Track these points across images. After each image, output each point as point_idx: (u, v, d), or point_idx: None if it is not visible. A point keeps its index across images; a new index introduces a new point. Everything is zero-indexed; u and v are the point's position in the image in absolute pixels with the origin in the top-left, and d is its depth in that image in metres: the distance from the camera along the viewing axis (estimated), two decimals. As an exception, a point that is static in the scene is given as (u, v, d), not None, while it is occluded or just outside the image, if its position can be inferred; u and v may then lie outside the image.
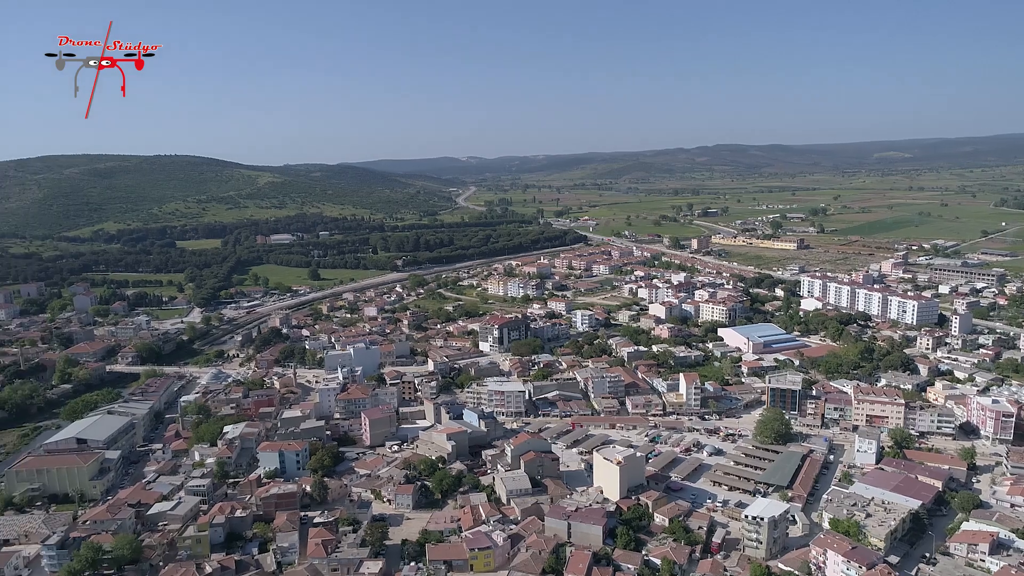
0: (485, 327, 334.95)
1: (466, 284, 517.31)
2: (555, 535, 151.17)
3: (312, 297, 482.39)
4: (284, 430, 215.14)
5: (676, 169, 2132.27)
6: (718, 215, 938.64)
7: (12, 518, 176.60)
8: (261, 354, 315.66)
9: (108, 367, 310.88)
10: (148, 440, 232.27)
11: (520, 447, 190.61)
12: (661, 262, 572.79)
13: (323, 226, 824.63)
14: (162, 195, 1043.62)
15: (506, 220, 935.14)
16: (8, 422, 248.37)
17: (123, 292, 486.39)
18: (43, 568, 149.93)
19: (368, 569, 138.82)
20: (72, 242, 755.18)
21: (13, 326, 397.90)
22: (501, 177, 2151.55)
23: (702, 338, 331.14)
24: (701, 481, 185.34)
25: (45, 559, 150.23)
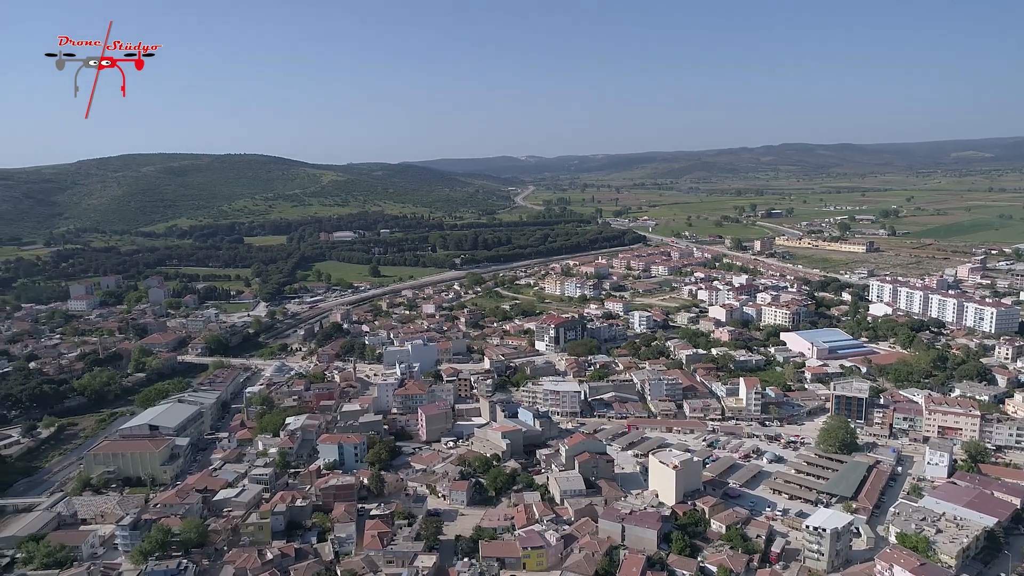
0: (541, 326, 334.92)
1: (523, 283, 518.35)
2: (608, 537, 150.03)
3: (372, 294, 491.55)
4: (343, 423, 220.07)
5: (739, 169, 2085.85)
6: (782, 216, 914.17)
7: (90, 498, 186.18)
8: (323, 348, 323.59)
9: (179, 357, 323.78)
10: (215, 429, 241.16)
11: (575, 447, 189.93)
12: (722, 263, 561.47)
13: (384, 224, 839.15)
14: (232, 193, 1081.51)
15: (564, 220, 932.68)
16: (87, 407, 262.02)
17: (194, 286, 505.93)
18: (117, 547, 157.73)
19: (422, 563, 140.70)
20: (148, 237, 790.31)
21: (93, 316, 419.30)
22: (560, 176, 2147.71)
23: (764, 342, 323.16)
24: (760, 488, 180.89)
25: (119, 539, 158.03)
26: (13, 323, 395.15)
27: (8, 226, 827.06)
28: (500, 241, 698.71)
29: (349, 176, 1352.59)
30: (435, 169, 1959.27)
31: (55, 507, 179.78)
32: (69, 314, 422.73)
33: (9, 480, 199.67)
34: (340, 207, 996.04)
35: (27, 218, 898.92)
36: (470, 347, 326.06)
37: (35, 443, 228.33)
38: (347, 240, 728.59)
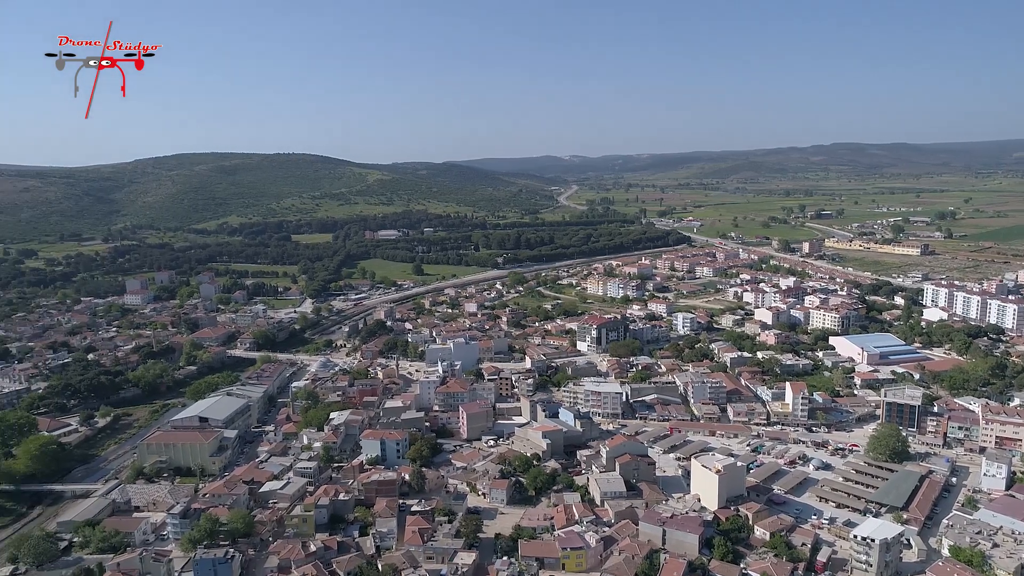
0: (583, 327, 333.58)
1: (565, 283, 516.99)
2: (649, 540, 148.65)
3: (415, 292, 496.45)
4: (386, 419, 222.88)
5: (788, 169, 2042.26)
6: (833, 217, 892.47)
7: (143, 487, 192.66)
8: (366, 345, 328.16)
9: (228, 352, 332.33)
10: (262, 422, 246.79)
11: (616, 449, 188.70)
12: (769, 265, 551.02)
13: (428, 223, 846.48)
14: (280, 191, 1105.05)
15: (607, 219, 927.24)
16: (141, 398, 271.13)
17: (243, 282, 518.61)
18: (167, 535, 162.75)
19: (462, 560, 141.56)
20: (199, 234, 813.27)
21: (147, 310, 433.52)
22: (604, 176, 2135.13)
23: (811, 346, 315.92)
24: (806, 496, 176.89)
25: (169, 527, 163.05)
26: (73, 316, 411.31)
27: (70, 222, 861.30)
28: (543, 241, 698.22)
29: (394, 175, 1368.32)
30: (479, 168, 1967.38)
31: (110, 494, 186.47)
32: (125, 308, 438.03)
33: (68, 467, 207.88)
34: (385, 206, 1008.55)
35: (87, 215, 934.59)
36: (511, 346, 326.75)
37: (92, 432, 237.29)
38: (391, 238, 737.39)
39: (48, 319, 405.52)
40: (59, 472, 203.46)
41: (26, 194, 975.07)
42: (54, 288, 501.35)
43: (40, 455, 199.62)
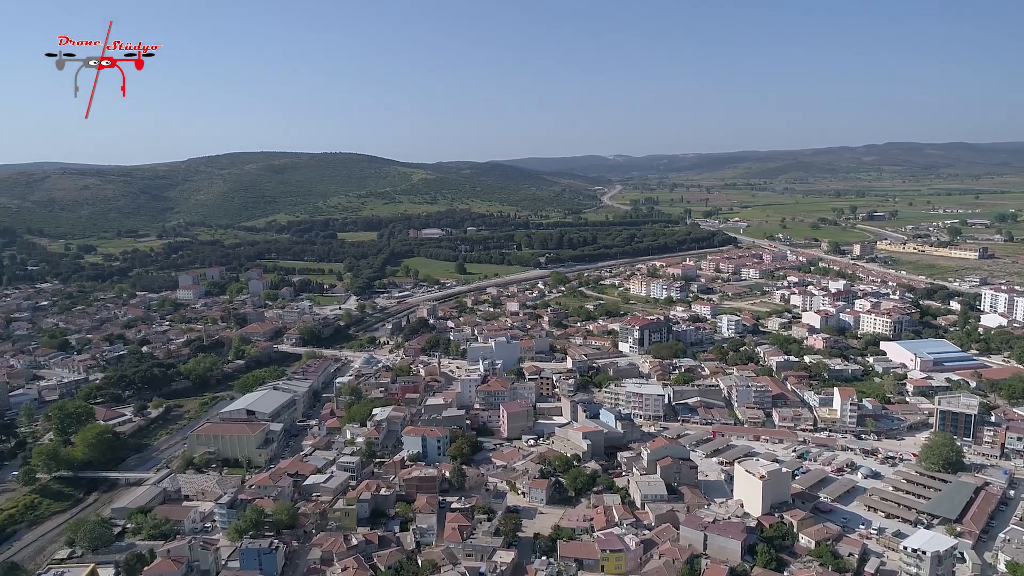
0: (626, 327, 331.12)
1: (608, 283, 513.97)
2: (690, 545, 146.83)
3: (458, 290, 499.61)
4: (427, 416, 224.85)
5: (839, 169, 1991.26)
6: (885, 219, 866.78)
7: (192, 476, 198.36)
8: (409, 342, 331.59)
9: (275, 347, 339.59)
10: (306, 416, 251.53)
11: (657, 451, 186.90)
12: (818, 268, 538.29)
13: (471, 222, 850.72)
14: (327, 190, 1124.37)
15: (651, 220, 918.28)
16: (192, 391, 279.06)
17: (290, 279, 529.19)
18: (215, 524, 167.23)
19: (501, 559, 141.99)
20: (249, 231, 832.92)
21: (199, 305, 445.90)
22: (648, 176, 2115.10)
23: (861, 351, 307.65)
24: (854, 505, 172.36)
25: (217, 516, 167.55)
26: (129, 309, 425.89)
27: (126, 219, 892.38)
28: (585, 240, 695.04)
29: (438, 175, 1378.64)
30: (522, 168, 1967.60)
31: (161, 483, 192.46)
32: (178, 302, 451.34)
33: (123, 455, 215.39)
34: (429, 205, 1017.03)
35: (143, 212, 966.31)
36: (553, 346, 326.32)
37: (145, 422, 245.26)
38: (435, 237, 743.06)
39: (105, 312, 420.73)
40: (114, 460, 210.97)
41: (86, 192, 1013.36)
42: (111, 282, 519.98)
43: (96, 443, 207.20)
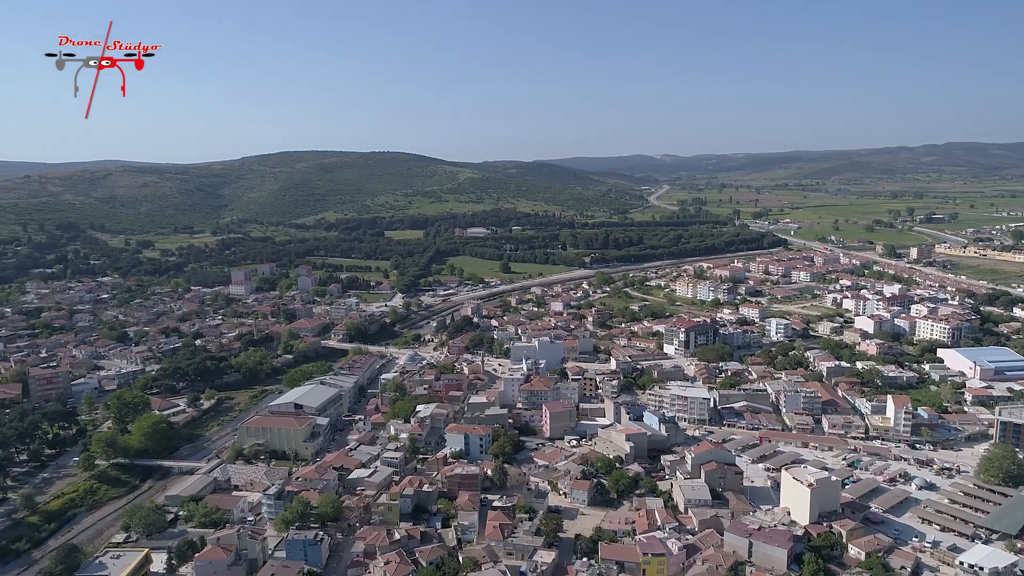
0: (671, 329, 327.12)
1: (653, 284, 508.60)
2: (734, 552, 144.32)
3: (502, 289, 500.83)
4: (470, 414, 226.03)
5: (896, 170, 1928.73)
6: (945, 222, 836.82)
7: (242, 467, 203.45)
8: (453, 340, 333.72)
9: (322, 342, 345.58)
10: (352, 411, 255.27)
11: (702, 456, 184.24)
12: (872, 271, 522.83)
13: (516, 221, 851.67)
14: (375, 188, 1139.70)
15: (699, 220, 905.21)
16: (242, 384, 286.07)
17: (338, 275, 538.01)
18: (263, 514, 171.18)
19: (541, 558, 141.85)
20: (299, 228, 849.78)
21: (250, 300, 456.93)
22: (696, 176, 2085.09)
23: (917, 358, 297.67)
24: (907, 516, 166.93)
25: (265, 507, 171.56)
26: (184, 303, 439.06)
27: (183, 216, 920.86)
28: (631, 241, 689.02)
29: (484, 174, 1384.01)
30: (568, 167, 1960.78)
31: (212, 472, 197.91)
32: (230, 297, 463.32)
33: (176, 445, 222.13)
34: (475, 204, 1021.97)
35: (198, 209, 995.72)
36: (597, 347, 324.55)
37: (198, 413, 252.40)
38: (480, 236, 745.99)
39: (162, 306, 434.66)
40: (168, 449, 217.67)
41: (145, 189, 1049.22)
42: (167, 277, 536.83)
43: (152, 432, 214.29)
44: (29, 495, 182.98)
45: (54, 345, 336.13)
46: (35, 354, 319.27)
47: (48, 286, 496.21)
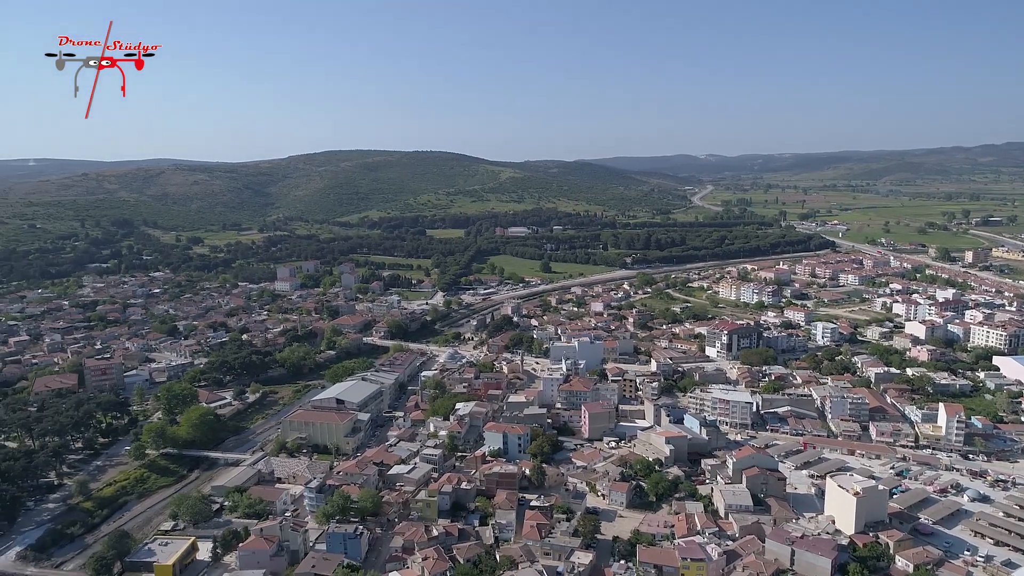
0: (713, 331, 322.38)
1: (696, 286, 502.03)
2: (776, 560, 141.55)
3: (542, 289, 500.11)
4: (509, 413, 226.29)
5: (951, 170, 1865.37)
6: (1003, 224, 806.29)
7: (285, 460, 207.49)
8: (493, 339, 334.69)
9: (364, 339, 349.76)
10: (392, 407, 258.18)
11: (743, 461, 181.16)
12: (924, 275, 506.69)
13: (557, 221, 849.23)
14: (417, 187, 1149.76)
15: (743, 221, 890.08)
16: (286, 378, 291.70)
17: (380, 273, 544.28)
18: (305, 507, 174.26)
19: (579, 559, 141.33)
20: (342, 227, 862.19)
21: (295, 296, 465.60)
22: (741, 176, 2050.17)
23: (971, 365, 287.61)
24: (958, 529, 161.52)
25: (306, 499, 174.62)
26: (231, 299, 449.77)
27: (231, 213, 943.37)
28: (674, 241, 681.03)
29: (526, 173, 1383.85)
30: (611, 167, 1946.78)
31: (256, 464, 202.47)
32: (275, 293, 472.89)
33: (222, 436, 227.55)
34: (516, 203, 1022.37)
35: (246, 207, 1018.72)
36: (637, 348, 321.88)
37: (243, 406, 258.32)
38: (521, 235, 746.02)
39: (210, 301, 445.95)
40: (214, 441, 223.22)
41: (196, 187, 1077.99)
42: (216, 273, 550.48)
43: (199, 424, 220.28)
44: (83, 482, 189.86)
45: (108, 337, 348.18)
46: (91, 346, 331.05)
47: (103, 280, 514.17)
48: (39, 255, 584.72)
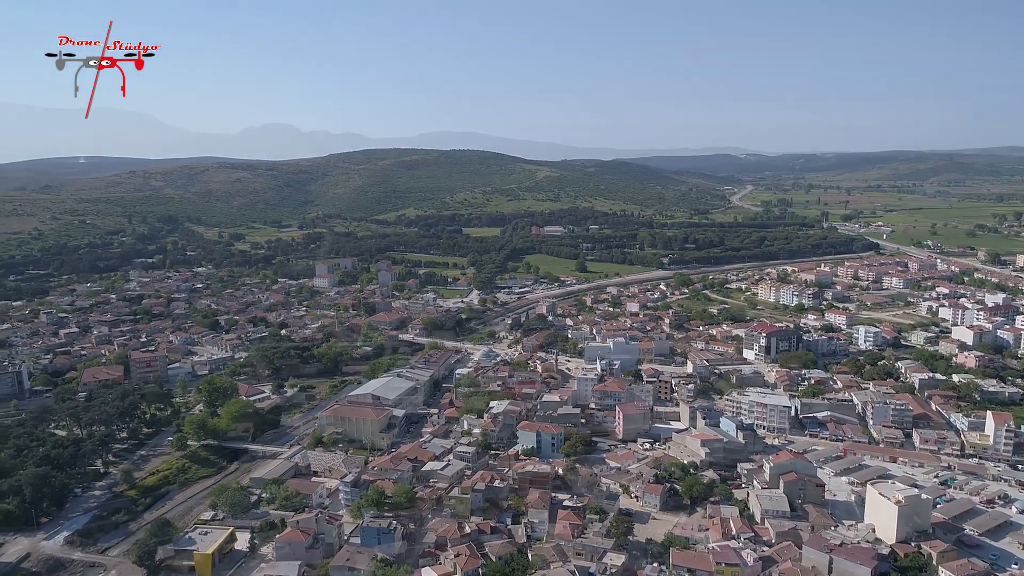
0: (751, 333, 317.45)
1: (734, 287, 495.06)
2: (813, 568, 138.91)
3: (577, 288, 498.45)
4: (543, 412, 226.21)
5: (1003, 171, 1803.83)
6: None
7: (321, 454, 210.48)
8: (527, 338, 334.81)
9: (400, 336, 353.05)
10: (427, 404, 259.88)
11: (781, 466, 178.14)
12: (972, 279, 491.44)
13: (593, 220, 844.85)
14: (454, 185, 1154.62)
15: (784, 222, 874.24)
16: (323, 373, 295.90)
17: (416, 271, 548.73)
18: (340, 500, 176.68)
19: (611, 560, 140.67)
20: (380, 224, 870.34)
21: (332, 293, 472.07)
22: (782, 176, 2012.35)
23: (1022, 373, 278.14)
24: (1005, 541, 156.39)
25: (342, 493, 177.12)
26: (271, 294, 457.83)
27: (272, 210, 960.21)
28: (711, 242, 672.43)
29: (562, 172, 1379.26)
30: (648, 166, 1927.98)
31: (293, 458, 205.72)
32: (314, 290, 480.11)
33: (261, 430, 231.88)
34: (552, 202, 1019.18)
35: (286, 204, 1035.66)
36: (673, 349, 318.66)
37: (282, 400, 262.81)
38: (556, 234, 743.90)
39: (251, 296, 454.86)
40: (253, 433, 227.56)
41: (238, 184, 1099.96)
42: (256, 269, 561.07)
43: (239, 417, 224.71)
44: (128, 471, 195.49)
45: (153, 331, 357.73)
46: (136, 338, 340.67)
47: (149, 275, 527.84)
48: (88, 250, 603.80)
